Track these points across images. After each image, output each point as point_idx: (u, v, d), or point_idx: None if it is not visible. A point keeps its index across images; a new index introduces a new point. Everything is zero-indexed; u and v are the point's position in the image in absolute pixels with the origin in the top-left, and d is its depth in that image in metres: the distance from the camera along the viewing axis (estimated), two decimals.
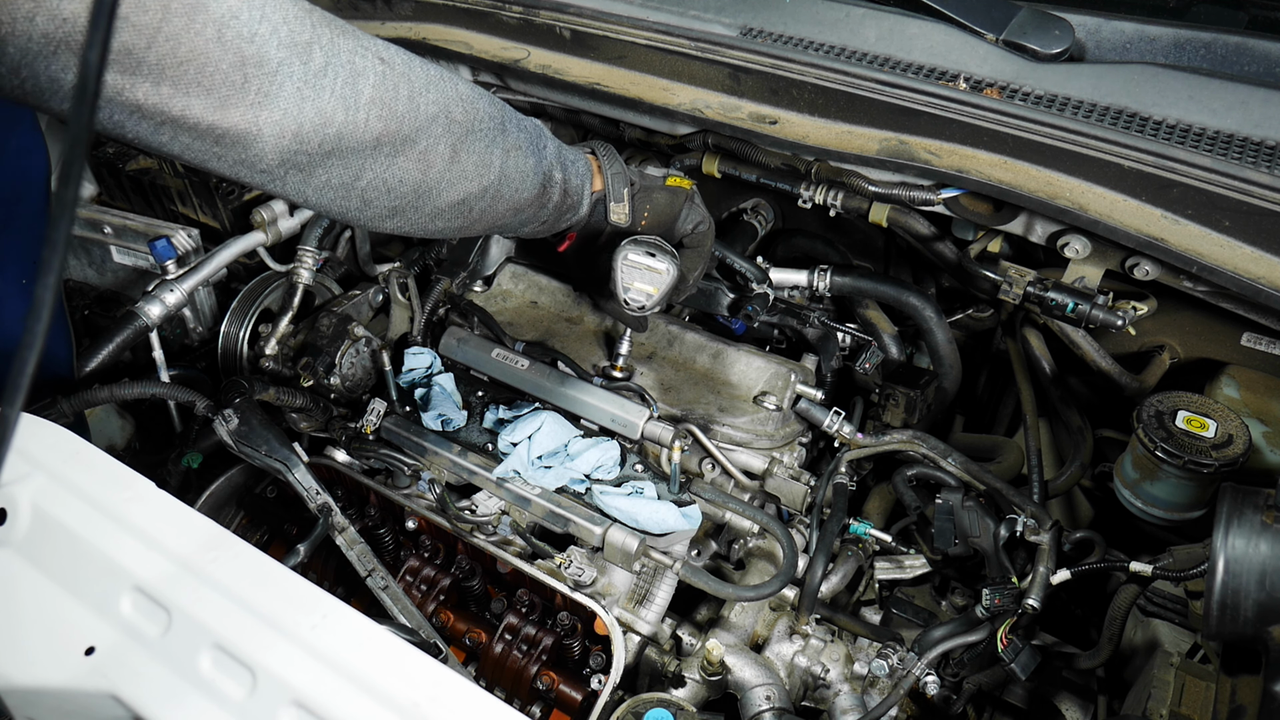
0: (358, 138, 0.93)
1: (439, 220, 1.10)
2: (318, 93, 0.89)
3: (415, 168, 1.00)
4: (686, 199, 1.34)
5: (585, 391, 1.50)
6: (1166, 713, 1.17)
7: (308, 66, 0.87)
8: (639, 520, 1.35)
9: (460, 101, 1.04)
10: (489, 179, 1.09)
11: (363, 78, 0.92)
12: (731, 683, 1.30)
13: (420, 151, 1.00)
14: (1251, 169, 1.14)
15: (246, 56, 0.83)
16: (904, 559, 1.46)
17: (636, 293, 1.32)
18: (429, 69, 1.02)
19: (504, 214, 1.16)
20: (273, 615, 0.99)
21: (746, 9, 1.50)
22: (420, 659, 0.97)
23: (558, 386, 1.52)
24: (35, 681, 0.98)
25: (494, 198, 1.12)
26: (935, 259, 1.55)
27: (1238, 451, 1.25)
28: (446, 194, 1.06)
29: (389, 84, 0.95)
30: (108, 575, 1.03)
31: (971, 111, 1.28)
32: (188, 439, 1.69)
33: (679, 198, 1.34)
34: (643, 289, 1.31)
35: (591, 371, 1.57)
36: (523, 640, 1.37)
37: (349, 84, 0.91)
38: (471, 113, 1.05)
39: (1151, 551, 1.30)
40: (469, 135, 1.04)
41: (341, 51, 0.91)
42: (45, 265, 0.54)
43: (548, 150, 1.18)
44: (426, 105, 0.99)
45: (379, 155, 0.96)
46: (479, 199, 1.10)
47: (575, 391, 1.51)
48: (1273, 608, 0.95)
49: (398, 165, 0.99)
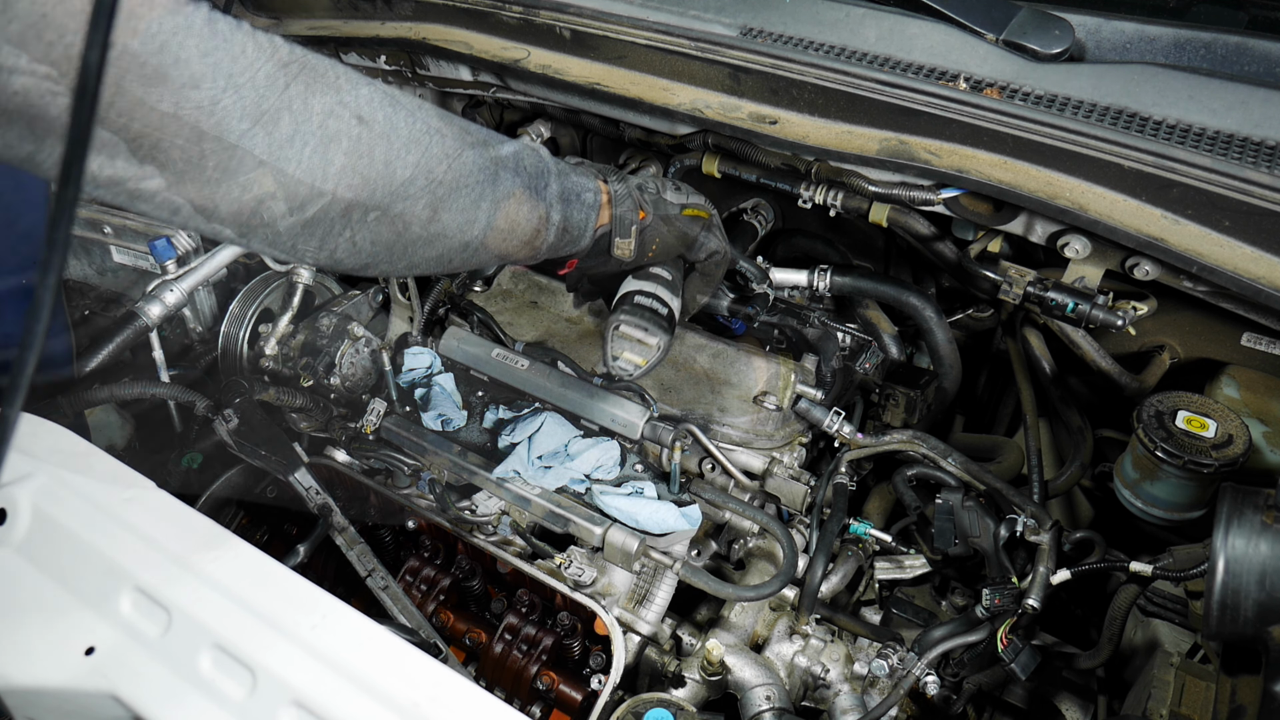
0: (325, 207, 0.88)
1: (418, 269, 1.05)
2: (281, 162, 0.83)
3: (389, 230, 0.94)
4: (703, 227, 1.29)
5: (585, 391, 1.50)
6: (1166, 713, 1.17)
7: (272, 136, 0.81)
8: (639, 520, 1.35)
9: (445, 158, 0.95)
10: (473, 234, 1.02)
11: (334, 144, 0.86)
12: (731, 683, 1.30)
13: (396, 214, 0.93)
14: (1251, 169, 1.14)
15: (205, 131, 0.78)
16: (904, 559, 1.46)
17: (625, 362, 1.29)
18: (415, 121, 0.93)
19: (491, 258, 1.11)
20: (273, 615, 0.99)
21: (746, 9, 1.50)
22: (420, 659, 0.97)
23: (557, 386, 1.52)
24: (35, 681, 0.98)
25: (478, 248, 1.05)
26: (935, 259, 1.55)
27: (1238, 451, 1.25)
28: (424, 250, 1.00)
29: (364, 148, 0.88)
30: (108, 575, 1.03)
31: (971, 111, 1.28)
32: (188, 439, 1.69)
33: (694, 226, 1.29)
34: (631, 359, 1.29)
35: (591, 372, 1.57)
36: (523, 640, 1.37)
37: (318, 152, 0.85)
38: (457, 169, 0.97)
39: (1151, 551, 1.30)
40: (453, 193, 0.97)
41: (314, 115, 0.84)
42: (45, 265, 0.54)
43: (549, 190, 1.09)
44: (404, 168, 0.92)
45: (349, 221, 0.90)
46: (460, 251, 1.03)
47: (575, 391, 1.51)
48: (1273, 608, 0.95)
49: (369, 228, 0.92)
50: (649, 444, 1.48)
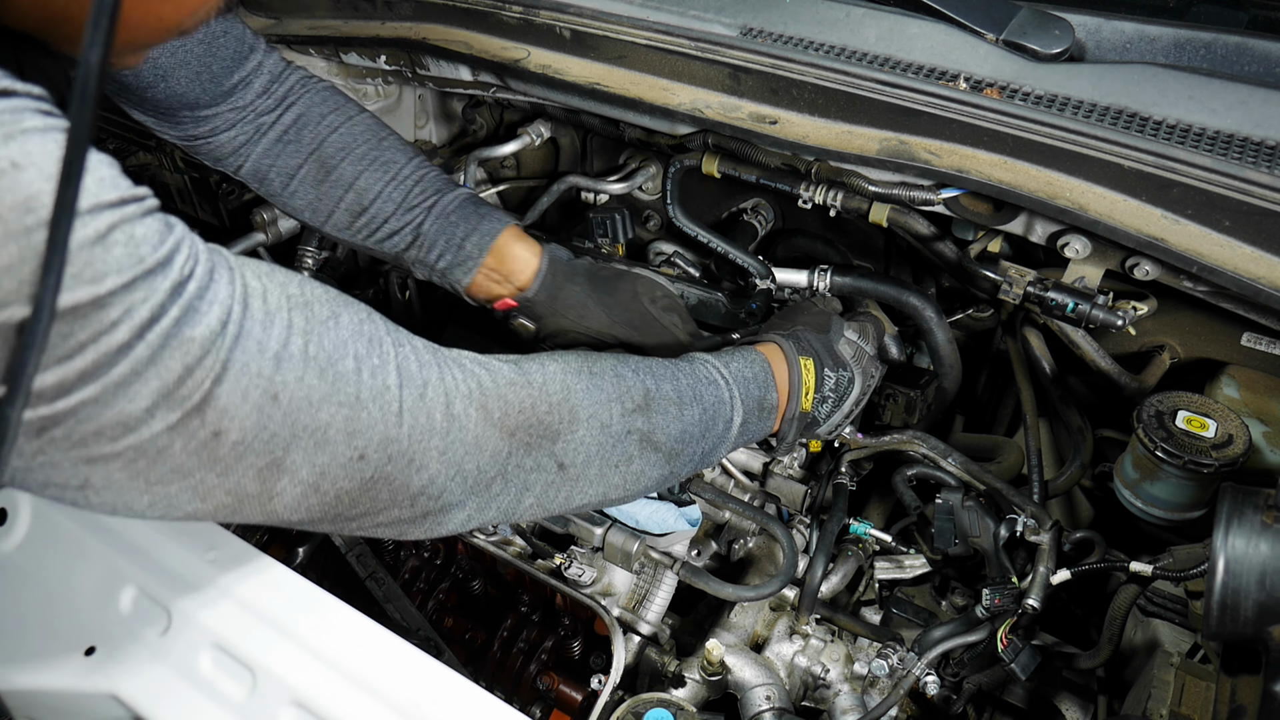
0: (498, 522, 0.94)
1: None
2: (482, 514, 0.89)
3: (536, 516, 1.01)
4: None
5: None
6: (1166, 713, 1.17)
7: (482, 498, 0.87)
8: (639, 520, 1.35)
9: (623, 484, 0.99)
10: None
11: (529, 491, 0.91)
12: (731, 683, 1.30)
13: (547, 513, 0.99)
14: (1251, 169, 1.14)
15: (430, 511, 0.84)
16: (904, 559, 1.46)
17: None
18: (614, 454, 0.96)
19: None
20: (273, 615, 0.99)
21: (746, 9, 1.50)
22: (420, 659, 0.98)
23: None
24: (35, 681, 0.98)
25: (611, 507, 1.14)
26: (935, 259, 1.55)
27: (1238, 451, 1.25)
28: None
29: (552, 491, 0.93)
30: (108, 575, 1.03)
31: (971, 111, 1.28)
32: None
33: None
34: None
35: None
36: (523, 640, 1.37)
37: (514, 500, 0.90)
38: (631, 488, 1.01)
39: (1151, 551, 1.30)
40: (615, 502, 1.03)
41: (522, 472, 0.89)
42: (46, 266, 0.54)
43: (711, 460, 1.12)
44: (583, 499, 0.97)
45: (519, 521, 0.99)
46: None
47: None
48: (1273, 608, 0.95)
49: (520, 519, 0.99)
50: None
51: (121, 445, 0.63)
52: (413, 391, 0.78)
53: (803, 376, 1.20)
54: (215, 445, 0.67)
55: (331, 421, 0.73)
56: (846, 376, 1.27)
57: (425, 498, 0.82)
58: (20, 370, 0.54)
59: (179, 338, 0.63)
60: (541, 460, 0.90)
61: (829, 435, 1.32)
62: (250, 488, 0.71)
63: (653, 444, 1.00)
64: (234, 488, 0.70)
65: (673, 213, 1.67)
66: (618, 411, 0.96)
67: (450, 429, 0.81)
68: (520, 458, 0.88)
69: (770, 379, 1.18)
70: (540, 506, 0.94)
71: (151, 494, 0.67)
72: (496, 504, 0.89)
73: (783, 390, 1.20)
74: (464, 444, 0.83)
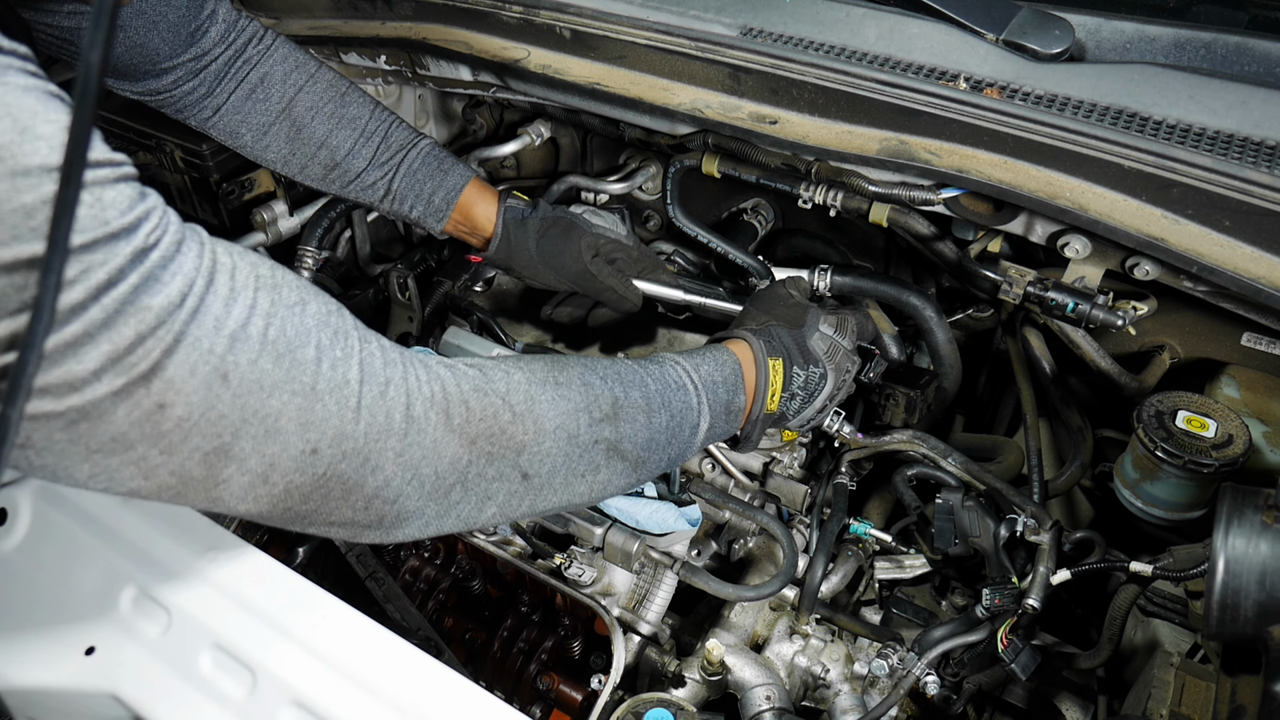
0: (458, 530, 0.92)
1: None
2: (441, 522, 0.87)
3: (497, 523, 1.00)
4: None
5: None
6: (1166, 713, 1.17)
7: (441, 505, 0.85)
8: (639, 520, 1.35)
9: (588, 492, 0.98)
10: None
11: (491, 500, 0.89)
12: (731, 683, 1.30)
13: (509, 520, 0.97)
14: (1251, 169, 1.14)
15: (385, 516, 0.82)
16: (904, 559, 1.46)
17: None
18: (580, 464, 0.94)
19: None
20: (273, 615, 0.99)
21: (746, 9, 1.50)
22: (420, 659, 0.97)
23: None
24: (35, 681, 0.98)
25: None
26: (935, 259, 1.55)
27: (1238, 451, 1.25)
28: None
29: (515, 500, 0.91)
30: (107, 575, 1.03)
31: (971, 111, 1.28)
32: None
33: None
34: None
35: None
36: (523, 640, 1.37)
37: (476, 508, 0.88)
38: (595, 495, 1.00)
39: (1151, 551, 1.30)
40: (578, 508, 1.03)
41: (484, 481, 0.87)
42: (46, 265, 0.54)
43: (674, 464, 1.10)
44: (547, 507, 0.95)
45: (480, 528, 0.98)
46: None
47: None
48: (1273, 608, 0.95)
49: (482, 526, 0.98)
50: None
51: (65, 405, 0.63)
52: (373, 389, 0.77)
53: (770, 378, 1.19)
54: (159, 418, 0.66)
55: (284, 410, 0.71)
56: (818, 373, 1.26)
57: (380, 501, 0.80)
58: (22, 369, 0.54)
59: (135, 305, 0.63)
60: (504, 470, 0.88)
61: (800, 429, 1.32)
62: (195, 471, 0.70)
63: (620, 453, 0.98)
64: (178, 469, 0.69)
65: (673, 213, 1.67)
66: (585, 421, 0.94)
67: (409, 431, 0.79)
68: (482, 467, 0.86)
69: (740, 382, 1.17)
70: (502, 515, 0.92)
71: (92, 463, 0.67)
72: (456, 512, 0.87)
73: (750, 392, 1.19)
74: (422, 448, 0.80)
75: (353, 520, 0.81)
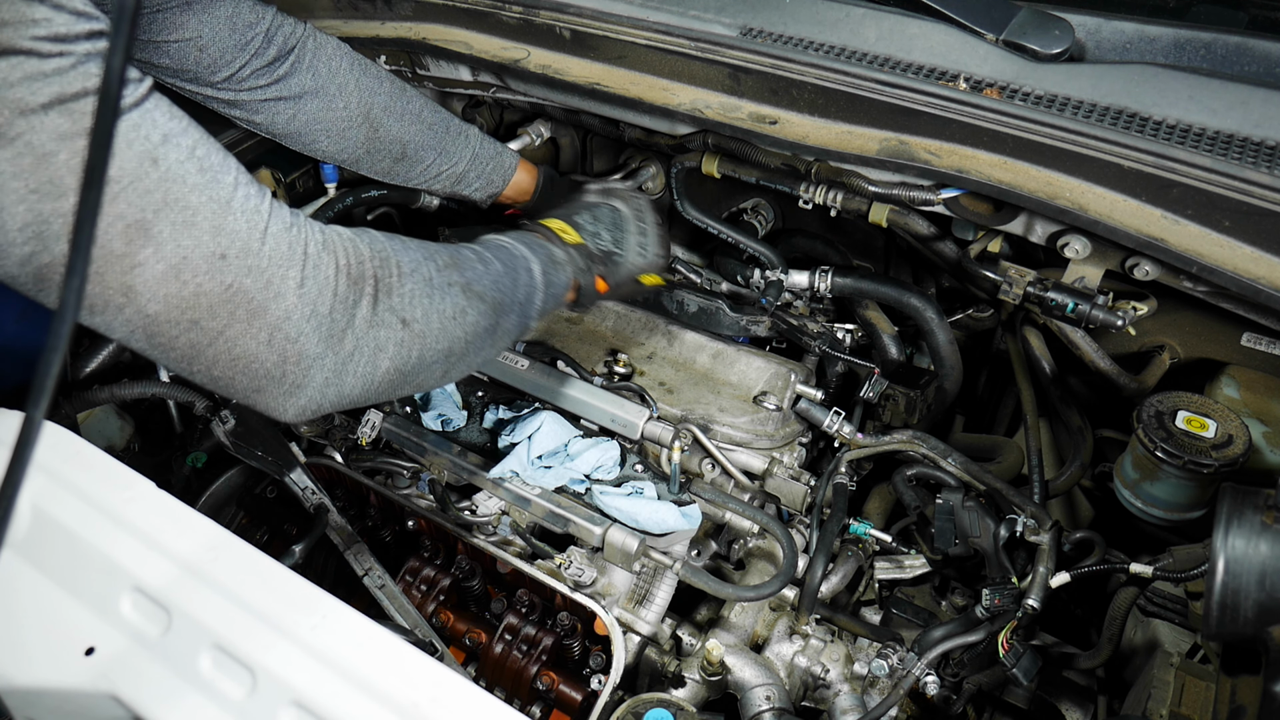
0: (366, 397, 1.00)
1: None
2: (342, 379, 0.94)
3: (407, 391, 1.06)
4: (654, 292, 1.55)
5: (585, 391, 1.50)
6: (1166, 713, 1.17)
7: (338, 355, 0.93)
8: (639, 520, 1.35)
9: (464, 336, 1.06)
10: (471, 370, 1.15)
11: (383, 352, 0.97)
12: (731, 683, 1.30)
13: (416, 384, 1.05)
14: (1251, 169, 1.14)
15: (288, 355, 0.89)
16: (904, 559, 1.46)
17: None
18: (445, 305, 1.03)
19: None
20: (273, 615, 0.99)
21: (746, 9, 1.50)
22: (420, 659, 0.97)
23: (558, 386, 1.52)
24: (35, 681, 0.97)
25: (468, 373, 1.19)
26: (935, 259, 1.55)
27: (1238, 451, 1.25)
28: (428, 390, 1.16)
29: (405, 350, 0.99)
30: (108, 575, 1.03)
31: (971, 111, 1.28)
32: (191, 439, 1.69)
33: (643, 290, 1.47)
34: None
35: (591, 371, 1.57)
36: (523, 640, 1.37)
37: (371, 362, 0.96)
38: (471, 339, 1.08)
39: (1151, 551, 1.30)
40: (463, 357, 1.08)
41: (371, 327, 0.95)
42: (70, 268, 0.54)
43: (533, 308, 1.19)
44: (434, 354, 1.03)
45: (379, 396, 1.03)
46: (455, 379, 1.15)
47: (575, 391, 1.50)
48: (1273, 608, 0.95)
49: (393, 395, 1.05)
50: (649, 444, 1.48)
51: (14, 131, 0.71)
52: (279, 223, 0.88)
53: (549, 229, 1.31)
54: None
55: (200, 209, 0.81)
56: (606, 207, 1.40)
57: (282, 337, 0.87)
58: (45, 372, 0.55)
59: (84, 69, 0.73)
60: (384, 316, 0.96)
61: (658, 253, 1.42)
62: (117, 245, 0.77)
63: (476, 294, 1.08)
64: (102, 237, 0.76)
65: (681, 207, 1.67)
66: (433, 267, 1.04)
67: (306, 265, 0.88)
68: (366, 311, 0.94)
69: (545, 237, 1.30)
70: (399, 373, 0.99)
71: (28, 205, 0.73)
72: (353, 368, 0.94)
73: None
74: (318, 283, 0.89)
75: (257, 356, 0.87)
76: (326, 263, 0.91)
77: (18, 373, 1.44)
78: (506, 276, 1.15)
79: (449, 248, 1.11)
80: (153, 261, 0.79)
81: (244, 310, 0.85)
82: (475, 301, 1.08)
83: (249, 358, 0.87)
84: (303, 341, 0.89)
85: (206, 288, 0.82)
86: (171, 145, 0.80)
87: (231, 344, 0.86)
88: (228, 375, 0.88)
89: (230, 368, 0.88)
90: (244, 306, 0.84)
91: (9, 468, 0.56)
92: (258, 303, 0.85)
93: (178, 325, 0.83)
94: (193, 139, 0.83)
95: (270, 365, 0.88)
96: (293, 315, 0.87)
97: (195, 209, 0.81)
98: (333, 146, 1.52)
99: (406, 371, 1.01)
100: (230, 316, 0.84)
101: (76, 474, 1.12)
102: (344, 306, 0.92)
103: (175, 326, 0.83)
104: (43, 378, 0.55)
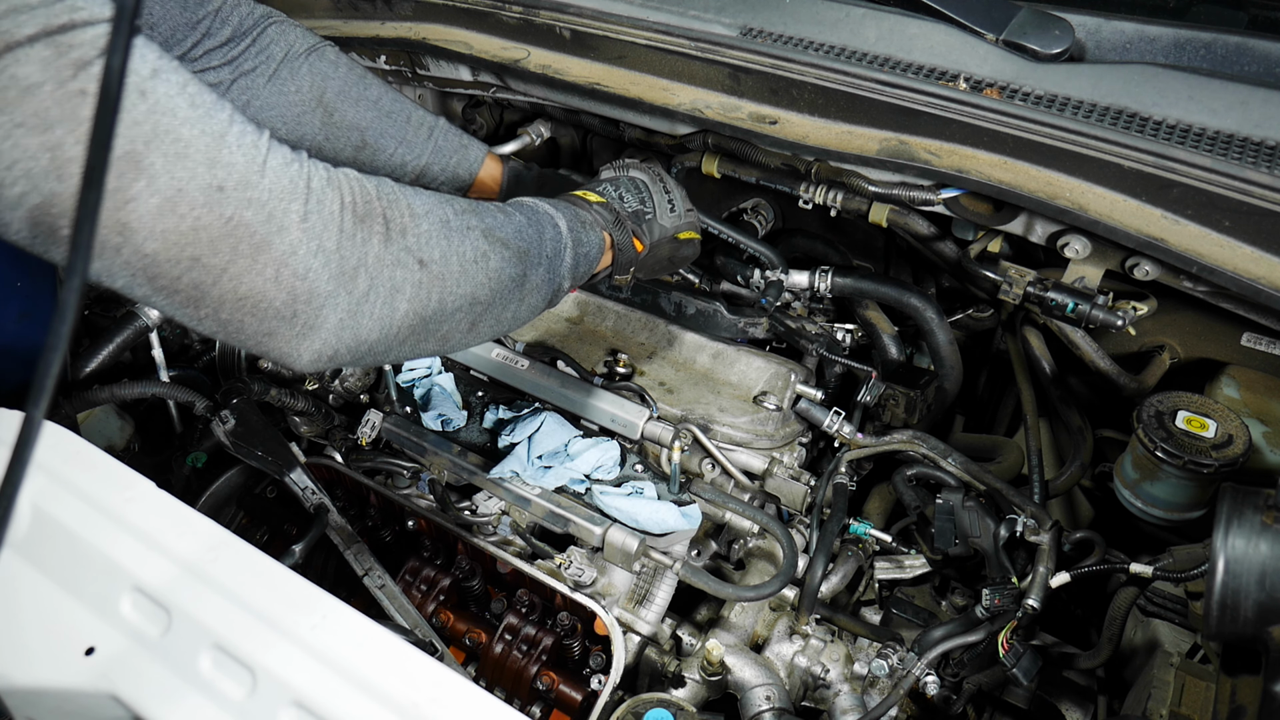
0: (387, 345, 0.96)
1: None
2: (357, 320, 0.90)
3: (432, 345, 1.03)
4: (692, 249, 1.42)
5: (585, 391, 1.50)
6: (1166, 713, 1.17)
7: (352, 295, 0.89)
8: (639, 520, 1.35)
9: (488, 282, 1.03)
10: (502, 328, 1.11)
11: (400, 293, 0.93)
12: (731, 683, 1.30)
13: (439, 335, 1.01)
14: (1251, 169, 1.14)
15: (298, 293, 0.85)
16: (904, 559, 1.46)
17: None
18: (465, 248, 1.00)
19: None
20: (273, 615, 0.99)
21: (746, 9, 1.50)
22: (420, 659, 0.97)
23: (558, 386, 1.52)
24: (35, 681, 0.97)
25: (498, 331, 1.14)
26: (935, 259, 1.55)
27: (1238, 451, 1.25)
28: (455, 346, 1.08)
29: (423, 292, 0.95)
30: (108, 575, 1.03)
31: (971, 111, 1.28)
32: (191, 439, 1.69)
33: (685, 249, 1.41)
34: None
35: (591, 371, 1.57)
36: (522, 640, 1.37)
37: (387, 304, 0.92)
38: (496, 287, 1.04)
39: (1151, 551, 1.30)
40: (490, 308, 1.05)
41: (385, 266, 0.91)
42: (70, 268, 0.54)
43: (564, 264, 1.15)
44: (456, 300, 0.99)
45: (402, 347, 0.99)
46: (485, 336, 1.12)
47: (575, 391, 1.50)
48: (1273, 608, 0.95)
49: (417, 348, 1.01)
50: (649, 444, 1.48)
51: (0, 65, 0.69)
52: (278, 158, 0.84)
53: (581, 195, 1.27)
54: (79, 104, 0.71)
55: (193, 141, 0.77)
56: (625, 176, 1.36)
57: (289, 273, 0.83)
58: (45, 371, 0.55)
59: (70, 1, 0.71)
60: (400, 255, 0.92)
61: (682, 215, 1.38)
62: (108, 180, 0.73)
63: (500, 240, 1.04)
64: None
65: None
66: (450, 211, 1.00)
67: (310, 199, 0.85)
68: (379, 249, 0.90)
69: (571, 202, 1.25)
70: (419, 317, 0.95)
71: (13, 141, 0.71)
72: (369, 309, 0.90)
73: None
74: (322, 217, 0.85)
75: (263, 294, 0.83)
76: (331, 198, 0.88)
77: (18, 373, 1.44)
78: (531, 227, 1.11)
79: (465, 199, 1.07)
80: (146, 195, 0.76)
81: (247, 244, 0.81)
82: (498, 247, 1.04)
83: (257, 296, 0.84)
84: (312, 278, 0.85)
85: (205, 221, 0.79)
86: (161, 80, 0.78)
87: (237, 281, 0.82)
88: (236, 318, 0.85)
89: (238, 308, 0.84)
90: (246, 240, 0.81)
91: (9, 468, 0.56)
92: (260, 236, 0.82)
93: (179, 264, 0.80)
94: (183, 77, 0.80)
95: (280, 304, 0.85)
96: (298, 249, 0.84)
97: (188, 141, 0.78)
98: (290, 133, 1.48)
99: (427, 317, 0.97)
100: (233, 251, 0.81)
101: (76, 474, 1.12)
102: (352, 243, 0.88)
103: (176, 265, 0.80)
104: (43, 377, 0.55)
